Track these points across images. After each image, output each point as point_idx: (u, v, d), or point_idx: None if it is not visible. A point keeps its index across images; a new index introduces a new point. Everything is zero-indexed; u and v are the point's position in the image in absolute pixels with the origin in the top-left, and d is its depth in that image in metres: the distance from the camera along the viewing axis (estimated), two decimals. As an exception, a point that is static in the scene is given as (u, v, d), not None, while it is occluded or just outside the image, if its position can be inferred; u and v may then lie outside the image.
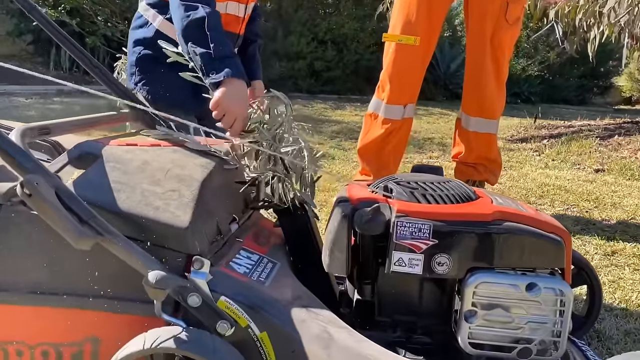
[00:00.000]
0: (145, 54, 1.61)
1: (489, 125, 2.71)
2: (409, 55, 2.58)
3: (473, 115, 2.72)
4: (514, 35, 2.66)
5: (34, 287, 1.03)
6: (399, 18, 2.59)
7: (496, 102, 2.69)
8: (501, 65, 2.64)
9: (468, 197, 1.13)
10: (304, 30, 8.63)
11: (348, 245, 1.08)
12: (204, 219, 1.10)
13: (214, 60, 1.34)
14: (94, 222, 0.95)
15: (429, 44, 2.62)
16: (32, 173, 0.92)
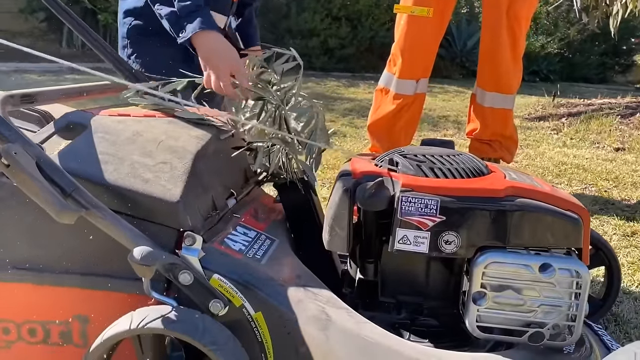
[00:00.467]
0: (135, 25, 1.55)
1: (505, 100, 2.61)
2: (422, 27, 2.47)
3: (489, 90, 2.62)
4: (531, 6, 2.54)
5: (19, 263, 0.98)
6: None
7: (512, 76, 2.59)
8: (518, 39, 2.52)
9: (479, 171, 1.06)
10: (317, 7, 8.47)
11: (349, 221, 1.02)
12: (197, 193, 1.04)
13: (180, 18, 1.28)
14: (77, 194, 0.90)
15: (443, 15, 2.52)
16: (10, 142, 0.86)
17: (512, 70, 2.58)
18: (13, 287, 0.99)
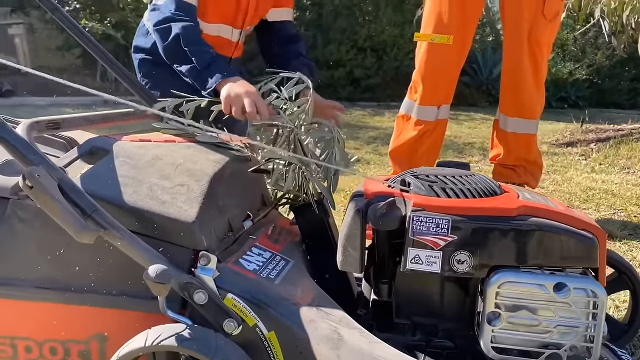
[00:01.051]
0: (144, 59, 1.64)
1: (527, 125, 2.59)
2: (442, 54, 2.50)
3: (511, 115, 2.61)
4: (552, 31, 2.54)
5: (40, 283, 1.01)
6: (431, 16, 2.51)
7: (535, 101, 2.58)
8: (539, 64, 2.52)
9: (492, 191, 1.06)
10: (343, 39, 8.60)
11: (362, 241, 1.02)
12: (213, 214, 1.06)
13: (201, 72, 1.34)
14: (97, 215, 0.93)
15: (464, 43, 2.54)
16: (34, 165, 0.90)
17: (535, 95, 2.58)
18: (34, 305, 1.02)
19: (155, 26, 1.45)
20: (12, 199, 1.00)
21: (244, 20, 1.67)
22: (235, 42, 1.71)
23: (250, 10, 1.66)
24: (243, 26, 1.69)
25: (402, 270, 0.99)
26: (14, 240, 1.01)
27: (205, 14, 1.53)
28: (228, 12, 1.62)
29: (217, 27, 1.62)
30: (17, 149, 0.91)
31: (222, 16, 1.61)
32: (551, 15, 2.44)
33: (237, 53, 1.75)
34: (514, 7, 2.46)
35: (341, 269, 1.06)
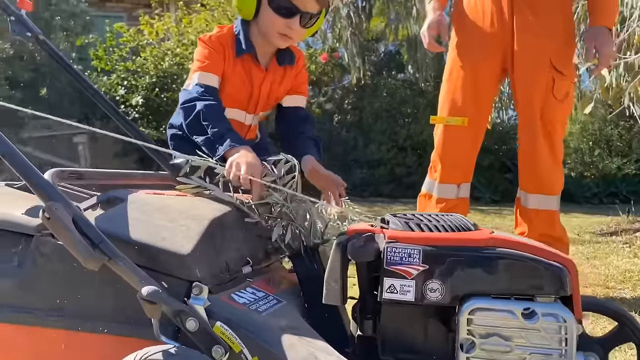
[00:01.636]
0: (175, 134, 1.84)
1: (548, 201, 2.62)
2: (458, 135, 2.62)
3: (531, 192, 2.65)
4: (565, 111, 2.64)
5: (54, 311, 1.13)
6: (446, 100, 2.67)
7: (554, 178, 2.62)
8: (555, 142, 2.60)
9: (466, 227, 1.13)
10: (384, 139, 8.90)
11: (342, 274, 1.10)
12: (210, 252, 1.17)
13: (214, 142, 1.50)
14: (103, 246, 1.05)
15: (479, 124, 2.66)
16: (54, 201, 1.05)
17: (553, 172, 2.63)
18: (46, 332, 1.12)
19: (182, 104, 1.66)
20: (36, 236, 1.15)
21: (256, 107, 1.87)
22: (248, 125, 1.89)
23: (262, 99, 1.85)
24: (255, 112, 1.89)
25: (379, 300, 1.05)
26: (35, 272, 1.14)
27: (222, 99, 1.72)
28: (242, 99, 1.82)
29: (231, 111, 1.80)
30: (40, 187, 1.06)
31: (236, 102, 1.81)
32: (561, 96, 2.55)
33: (250, 135, 1.94)
34: (525, 90, 2.59)
35: (324, 302, 1.12)
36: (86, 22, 7.59)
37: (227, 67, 1.72)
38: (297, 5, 1.65)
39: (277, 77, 1.84)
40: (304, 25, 1.72)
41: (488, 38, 2.57)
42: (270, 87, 1.84)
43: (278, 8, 1.66)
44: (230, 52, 1.73)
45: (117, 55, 8.00)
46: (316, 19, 1.74)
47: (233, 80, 1.75)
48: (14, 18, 1.70)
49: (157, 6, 8.37)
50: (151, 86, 7.69)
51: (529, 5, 2.49)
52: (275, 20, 1.68)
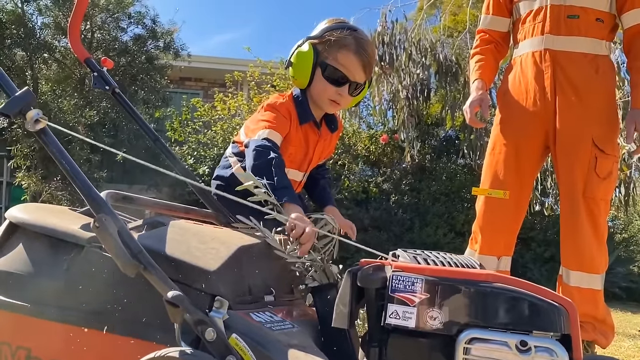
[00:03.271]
0: (221, 185, 2.00)
1: (591, 280, 2.57)
2: (499, 208, 2.66)
3: (573, 269, 2.61)
4: (607, 189, 2.63)
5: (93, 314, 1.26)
6: (488, 174, 2.74)
7: (596, 255, 2.58)
8: (598, 220, 2.57)
9: (471, 265, 1.20)
10: (440, 222, 8.85)
11: (351, 299, 1.18)
12: (234, 273, 1.29)
13: (276, 189, 1.64)
14: (141, 255, 1.20)
15: (520, 198, 2.69)
16: (103, 213, 1.22)
17: (596, 250, 2.59)
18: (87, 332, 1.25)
19: (256, 148, 1.78)
20: (86, 247, 1.31)
21: (308, 166, 2.07)
22: (298, 182, 2.08)
23: (314, 160, 2.06)
24: (307, 170, 2.08)
25: (382, 324, 1.12)
26: (83, 279, 1.29)
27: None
28: (299, 159, 2.02)
29: (290, 171, 1.97)
30: (94, 201, 1.23)
31: (294, 162, 2.01)
32: (604, 174, 2.55)
33: (298, 190, 2.12)
34: (567, 167, 2.63)
35: (333, 325, 1.20)
36: (165, 96, 8.25)
37: (291, 131, 1.93)
38: (347, 75, 1.87)
39: (326, 141, 2.08)
40: (352, 94, 1.93)
41: (531, 116, 2.64)
42: (322, 149, 2.07)
43: (330, 77, 1.88)
44: (295, 119, 1.95)
45: (190, 128, 8.58)
46: (362, 89, 1.96)
47: (294, 142, 1.96)
48: (97, 74, 1.97)
49: (231, 85, 8.99)
50: (218, 157, 8.13)
51: (571, 86, 2.56)
52: (327, 88, 1.89)
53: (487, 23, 2.78)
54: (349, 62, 1.85)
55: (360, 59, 1.86)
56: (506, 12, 2.74)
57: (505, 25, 2.76)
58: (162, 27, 8.02)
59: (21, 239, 1.39)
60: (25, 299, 1.31)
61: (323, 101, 1.93)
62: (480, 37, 2.79)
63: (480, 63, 2.77)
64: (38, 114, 1.28)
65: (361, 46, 1.86)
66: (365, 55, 1.87)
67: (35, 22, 7.54)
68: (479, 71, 2.75)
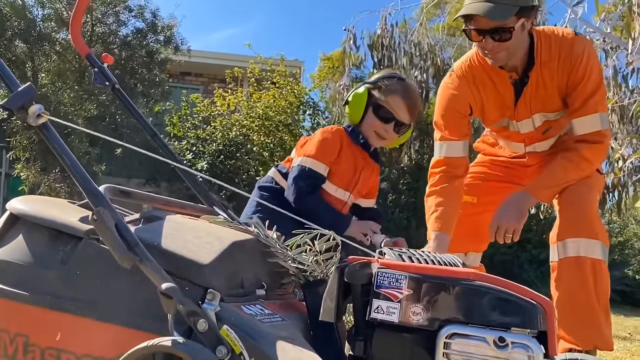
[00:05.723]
0: (266, 196, 2.17)
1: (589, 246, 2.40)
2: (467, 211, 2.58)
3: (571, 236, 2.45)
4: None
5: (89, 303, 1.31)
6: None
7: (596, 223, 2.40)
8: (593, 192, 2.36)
9: (454, 264, 1.24)
10: (437, 223, 8.91)
11: (338, 294, 1.23)
12: (227, 267, 1.33)
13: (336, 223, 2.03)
14: (137, 248, 1.24)
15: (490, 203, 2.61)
16: (101, 206, 1.26)
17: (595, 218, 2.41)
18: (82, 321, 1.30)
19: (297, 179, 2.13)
20: (84, 239, 1.35)
21: (354, 187, 2.27)
22: (345, 201, 2.26)
23: (360, 182, 2.27)
24: (353, 191, 2.27)
25: (367, 319, 1.17)
26: (80, 269, 1.34)
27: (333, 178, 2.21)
28: (346, 179, 2.24)
29: (338, 190, 2.23)
30: (93, 194, 1.27)
31: (341, 181, 2.23)
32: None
33: (344, 211, 2.29)
34: None
35: (320, 319, 1.25)
36: (165, 91, 8.28)
37: (343, 150, 2.20)
38: (394, 114, 2.20)
39: (369, 171, 2.32)
40: (397, 131, 2.24)
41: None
42: (367, 177, 2.30)
43: (380, 115, 2.21)
44: (346, 140, 2.23)
45: (189, 123, 8.62)
46: (406, 129, 2.27)
47: (344, 161, 2.21)
48: (97, 69, 2.02)
49: (231, 81, 9.03)
50: (217, 153, 8.18)
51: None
52: (375, 123, 2.22)
53: (450, 151, 2.33)
54: (397, 104, 2.19)
55: (406, 102, 2.20)
56: (466, 135, 2.37)
57: (466, 149, 2.37)
58: (162, 21, 8.04)
59: (21, 230, 1.43)
60: (24, 287, 1.35)
61: (371, 134, 2.23)
62: (440, 170, 2.32)
63: (436, 213, 2.26)
64: (40, 109, 1.33)
65: (407, 92, 2.22)
66: (410, 100, 2.21)
67: (36, 15, 7.56)
68: (435, 223, 2.26)
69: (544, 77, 2.16)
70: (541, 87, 2.19)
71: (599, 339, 2.01)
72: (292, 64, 10.23)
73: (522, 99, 2.22)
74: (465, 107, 2.30)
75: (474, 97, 2.29)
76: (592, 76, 2.11)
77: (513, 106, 2.26)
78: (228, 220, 1.56)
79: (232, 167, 8.18)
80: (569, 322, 2.05)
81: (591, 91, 2.11)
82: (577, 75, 2.11)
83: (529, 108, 2.25)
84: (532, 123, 2.30)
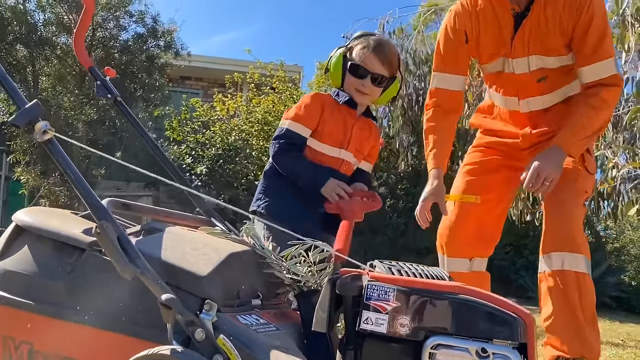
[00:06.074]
0: (273, 173, 2.19)
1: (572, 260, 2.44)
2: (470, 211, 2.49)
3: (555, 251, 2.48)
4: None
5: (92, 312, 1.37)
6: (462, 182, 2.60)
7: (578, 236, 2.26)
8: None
9: (440, 277, 1.30)
10: (434, 227, 8.93)
11: (330, 305, 1.29)
12: (224, 278, 1.39)
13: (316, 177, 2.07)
14: (138, 261, 1.30)
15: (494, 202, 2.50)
16: (105, 220, 1.32)
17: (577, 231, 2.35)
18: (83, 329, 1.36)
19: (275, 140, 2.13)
20: (87, 250, 1.41)
21: (349, 143, 2.21)
22: (342, 159, 2.21)
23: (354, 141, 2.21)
24: (348, 148, 2.21)
25: (357, 329, 1.23)
26: (83, 280, 1.40)
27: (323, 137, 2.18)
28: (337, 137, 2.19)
29: (328, 148, 2.18)
30: (96, 208, 1.33)
31: (332, 140, 2.19)
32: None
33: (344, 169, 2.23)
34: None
35: (313, 329, 1.31)
36: (165, 95, 8.34)
37: (325, 114, 2.18)
38: (369, 69, 2.18)
39: (366, 129, 2.28)
40: (376, 85, 2.19)
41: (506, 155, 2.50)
42: (361, 136, 2.25)
43: (354, 72, 2.20)
44: (328, 102, 2.21)
45: (189, 128, 8.68)
46: (387, 81, 2.20)
47: (330, 122, 2.19)
48: (100, 82, 2.08)
49: (231, 86, 9.11)
50: (216, 157, 8.24)
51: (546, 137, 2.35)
52: (354, 81, 2.20)
53: (445, 83, 2.43)
54: (369, 58, 2.17)
55: (377, 55, 2.16)
56: (464, 70, 2.46)
57: (462, 84, 2.47)
58: (162, 26, 8.11)
59: (27, 241, 1.49)
60: (29, 297, 1.41)
61: (352, 92, 2.21)
62: (434, 102, 2.44)
63: (435, 150, 2.43)
64: (46, 125, 1.39)
65: (378, 45, 2.18)
66: (382, 53, 2.17)
67: (37, 20, 7.63)
68: (434, 160, 2.42)
69: (547, 13, 2.17)
70: (542, 24, 2.19)
71: (585, 349, 2.07)
72: (291, 69, 10.30)
73: (520, 32, 2.22)
74: (461, 34, 2.34)
75: (472, 26, 2.32)
76: (600, 20, 2.13)
77: (510, 41, 2.26)
78: (225, 232, 1.62)
79: (231, 172, 8.23)
80: (557, 332, 2.12)
81: (602, 35, 2.13)
82: (585, 19, 2.13)
83: (527, 45, 2.24)
84: (527, 64, 2.29)
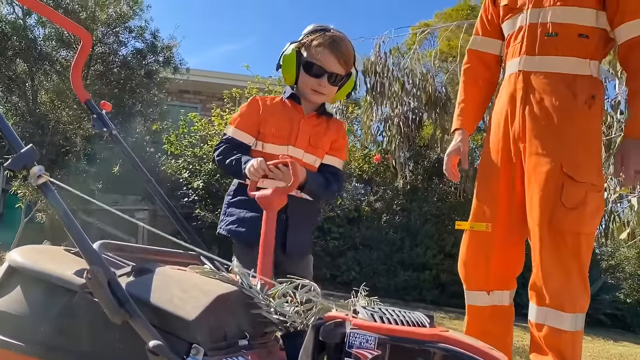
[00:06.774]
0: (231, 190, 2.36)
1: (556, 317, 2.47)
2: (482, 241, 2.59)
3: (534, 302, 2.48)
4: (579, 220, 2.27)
5: (82, 354, 1.40)
6: (473, 206, 2.68)
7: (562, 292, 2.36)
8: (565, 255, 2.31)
9: (421, 323, 1.34)
10: (430, 243, 8.98)
11: (313, 350, 1.32)
12: (211, 321, 1.42)
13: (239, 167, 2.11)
14: (128, 305, 1.34)
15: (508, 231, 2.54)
16: (95, 265, 1.36)
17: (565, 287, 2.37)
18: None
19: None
20: (78, 292, 1.45)
21: (296, 140, 2.20)
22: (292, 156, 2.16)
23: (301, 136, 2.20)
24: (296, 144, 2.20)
25: (339, 377, 1.26)
26: (74, 321, 1.43)
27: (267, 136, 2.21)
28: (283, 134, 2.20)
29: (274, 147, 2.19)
30: (88, 253, 1.37)
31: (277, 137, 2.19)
32: (572, 204, 2.25)
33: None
34: (531, 195, 2.37)
35: (297, 375, 1.34)
36: (163, 110, 8.40)
37: (265, 113, 2.21)
38: (325, 69, 2.16)
39: (321, 124, 2.26)
40: (333, 83, 2.19)
41: (504, 143, 2.48)
42: (312, 128, 2.23)
43: (310, 71, 2.17)
44: (266, 102, 2.24)
45: (187, 142, 8.72)
46: (345, 78, 2.21)
47: (275, 121, 2.20)
48: (96, 116, 2.12)
49: (229, 100, 9.16)
50: (213, 172, 8.27)
51: (542, 110, 2.33)
52: (309, 80, 2.18)
53: (477, 44, 2.69)
54: (325, 57, 2.14)
55: (334, 54, 2.14)
56: (497, 33, 2.62)
57: (496, 48, 2.64)
58: (162, 41, 8.17)
59: (19, 281, 1.53)
60: (20, 338, 1.44)
61: (308, 91, 2.20)
62: (469, 59, 2.70)
63: (462, 105, 2.64)
64: (40, 170, 1.43)
65: (334, 43, 2.15)
66: (338, 51, 2.15)
67: (37, 35, 7.69)
68: (460, 118, 2.63)
69: None
70: None
71: None
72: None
73: None
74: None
75: None
76: None
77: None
78: (214, 271, 1.66)
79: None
80: None
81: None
82: None
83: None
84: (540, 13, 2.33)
